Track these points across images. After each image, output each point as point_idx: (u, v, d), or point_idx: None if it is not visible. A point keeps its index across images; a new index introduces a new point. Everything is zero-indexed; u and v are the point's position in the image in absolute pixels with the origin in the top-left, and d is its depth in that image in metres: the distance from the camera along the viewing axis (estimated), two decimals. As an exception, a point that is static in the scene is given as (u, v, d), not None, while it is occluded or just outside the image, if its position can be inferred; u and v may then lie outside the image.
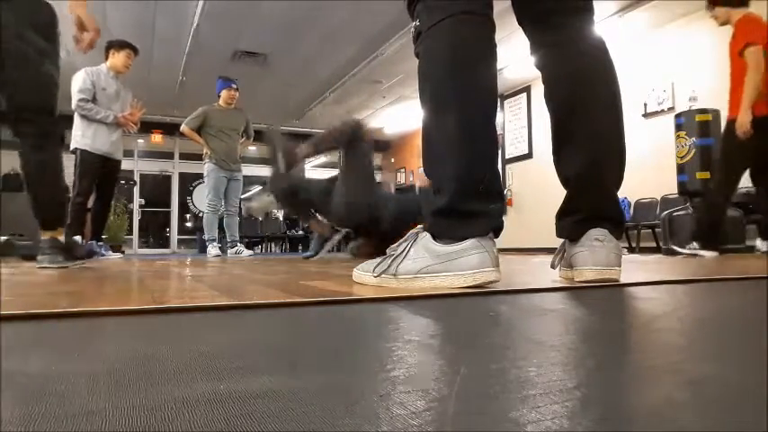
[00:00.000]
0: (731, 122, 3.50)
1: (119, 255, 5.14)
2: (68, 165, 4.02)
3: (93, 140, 4.19)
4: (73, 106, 4.14)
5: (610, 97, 1.16)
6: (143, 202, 11.78)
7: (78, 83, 4.17)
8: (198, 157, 6.18)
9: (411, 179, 11.46)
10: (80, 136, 4.20)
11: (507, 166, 8.94)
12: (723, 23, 3.70)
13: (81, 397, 0.31)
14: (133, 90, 4.67)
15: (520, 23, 1.25)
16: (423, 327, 0.63)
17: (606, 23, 6.05)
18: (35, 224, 2.25)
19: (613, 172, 1.15)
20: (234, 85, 5.44)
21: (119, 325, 0.64)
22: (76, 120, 4.22)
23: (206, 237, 5.56)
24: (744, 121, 3.39)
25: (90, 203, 4.31)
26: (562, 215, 1.18)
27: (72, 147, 4.18)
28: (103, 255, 4.34)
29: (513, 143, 9.05)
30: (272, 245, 12.02)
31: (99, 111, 4.20)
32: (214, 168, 5.28)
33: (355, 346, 0.50)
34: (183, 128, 5.33)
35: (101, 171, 4.23)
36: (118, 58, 4.35)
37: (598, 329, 0.61)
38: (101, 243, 4.45)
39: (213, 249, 5.39)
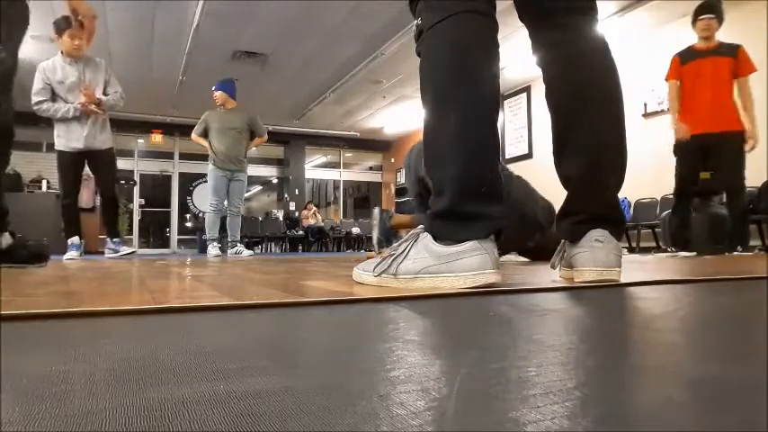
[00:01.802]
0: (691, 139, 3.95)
1: (132, 249, 4.97)
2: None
3: (68, 139, 3.99)
4: (35, 110, 3.87)
5: (611, 98, 1.16)
6: (143, 202, 11.80)
7: (34, 84, 3.86)
8: (198, 158, 6.23)
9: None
10: (56, 137, 4.02)
11: (507, 167, 8.93)
12: (708, 36, 3.92)
13: (81, 397, 0.31)
14: (133, 90, 4.61)
15: (522, 20, 1.24)
16: (423, 327, 0.63)
17: (606, 23, 6.06)
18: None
19: (614, 173, 1.15)
20: (213, 88, 5.49)
21: (119, 325, 0.64)
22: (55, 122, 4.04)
23: (206, 236, 5.58)
24: None
25: (87, 204, 4.30)
26: (562, 216, 1.18)
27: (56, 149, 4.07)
28: (117, 251, 4.31)
29: (513, 143, 9.05)
30: (272, 245, 12.01)
31: (58, 109, 3.89)
32: (212, 169, 5.38)
33: (355, 346, 0.50)
34: (192, 135, 5.49)
35: (87, 167, 4.11)
36: (63, 43, 3.88)
37: (598, 329, 0.61)
38: (116, 239, 4.40)
39: (213, 249, 5.40)
